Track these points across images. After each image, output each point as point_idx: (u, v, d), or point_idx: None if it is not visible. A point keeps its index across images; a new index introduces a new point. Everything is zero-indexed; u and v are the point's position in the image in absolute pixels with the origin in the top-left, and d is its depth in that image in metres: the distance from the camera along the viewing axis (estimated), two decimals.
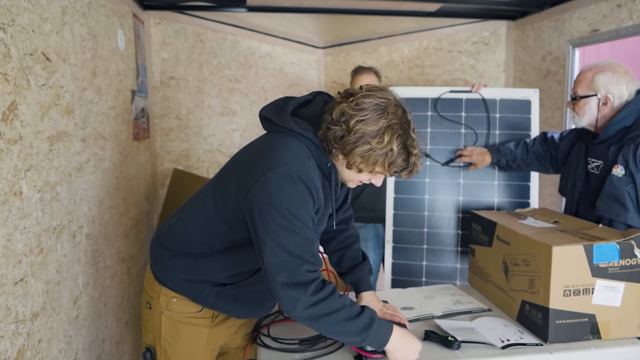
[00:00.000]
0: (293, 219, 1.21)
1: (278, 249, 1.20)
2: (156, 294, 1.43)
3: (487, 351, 1.41)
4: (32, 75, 1.39)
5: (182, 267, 1.40)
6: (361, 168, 1.28)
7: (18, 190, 1.29)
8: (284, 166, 1.23)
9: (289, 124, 1.30)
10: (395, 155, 1.26)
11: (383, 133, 1.23)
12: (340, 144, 1.26)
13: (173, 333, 1.43)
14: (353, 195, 2.66)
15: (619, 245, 1.44)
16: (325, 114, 1.30)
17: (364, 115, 1.23)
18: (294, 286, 1.19)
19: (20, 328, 1.29)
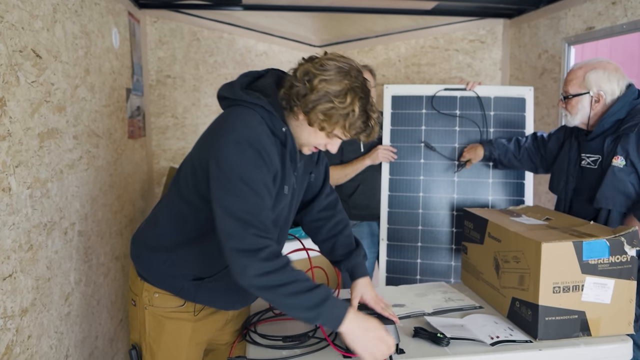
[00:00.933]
0: (241, 185, 1.22)
1: (226, 214, 1.22)
2: (139, 290, 1.44)
3: (476, 348, 1.41)
4: (21, 72, 1.39)
5: (159, 262, 1.41)
6: (323, 126, 1.29)
7: (7, 186, 1.29)
8: (233, 132, 1.25)
9: (240, 95, 1.32)
10: (356, 117, 1.28)
11: (345, 94, 1.26)
12: (302, 102, 1.28)
13: (157, 328, 1.43)
14: (347, 192, 2.67)
15: (608, 241, 1.44)
16: (288, 76, 1.33)
17: (327, 75, 1.26)
18: (243, 253, 1.20)
19: (8, 324, 1.29)
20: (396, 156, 2.54)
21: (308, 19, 3.46)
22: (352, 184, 2.65)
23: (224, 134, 1.27)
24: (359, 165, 2.58)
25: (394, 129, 2.57)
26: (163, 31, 3.22)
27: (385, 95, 2.59)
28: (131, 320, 1.50)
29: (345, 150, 2.67)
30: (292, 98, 1.30)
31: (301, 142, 1.38)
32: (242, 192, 1.23)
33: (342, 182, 2.65)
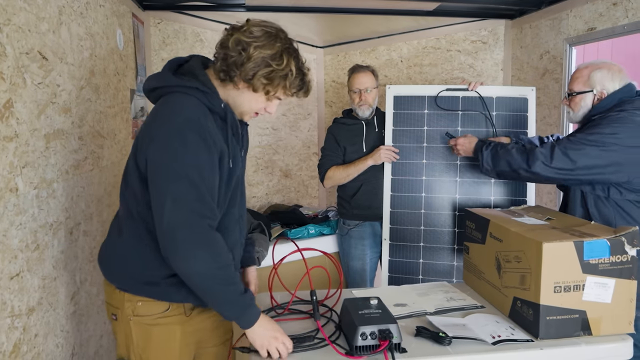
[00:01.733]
0: (188, 171, 1.24)
1: (176, 205, 1.23)
2: (120, 302, 1.40)
3: (478, 347, 1.42)
4: (28, 73, 1.41)
5: (136, 269, 1.38)
6: (268, 90, 1.35)
7: (14, 186, 1.31)
8: (168, 122, 1.27)
9: (172, 80, 1.34)
10: (294, 75, 1.35)
11: (281, 55, 1.32)
12: (242, 70, 1.31)
13: (145, 337, 1.40)
14: (350, 193, 2.69)
15: (609, 241, 1.45)
16: (219, 49, 1.35)
17: (260, 41, 1.31)
18: (195, 244, 1.24)
19: (16, 322, 1.31)
20: (398, 156, 2.55)
21: (310, 20, 3.47)
22: (354, 184, 2.66)
23: (160, 125, 1.29)
24: (361, 165, 2.60)
25: (396, 129, 2.59)
26: (167, 32, 3.24)
27: (387, 96, 2.60)
28: (115, 335, 1.46)
29: (348, 150, 2.69)
30: (230, 69, 1.32)
31: (242, 111, 1.43)
32: (189, 178, 1.25)
33: (344, 182, 2.67)
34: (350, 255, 2.73)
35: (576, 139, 1.87)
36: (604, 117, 1.88)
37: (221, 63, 1.34)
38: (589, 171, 1.84)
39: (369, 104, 2.65)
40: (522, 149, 1.99)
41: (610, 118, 1.85)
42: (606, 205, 1.88)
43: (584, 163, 1.83)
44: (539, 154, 1.89)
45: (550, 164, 1.87)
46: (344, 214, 2.78)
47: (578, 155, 1.83)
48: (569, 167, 1.85)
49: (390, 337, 1.34)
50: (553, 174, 1.89)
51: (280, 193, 3.95)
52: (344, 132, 2.72)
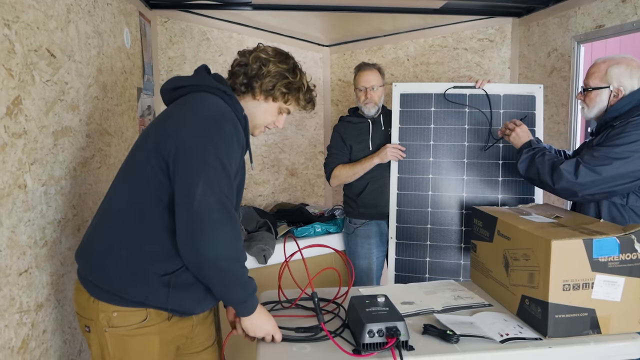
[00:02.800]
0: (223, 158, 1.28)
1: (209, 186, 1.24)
2: (93, 313, 1.31)
3: (486, 345, 1.41)
4: (36, 71, 1.42)
5: (118, 266, 1.31)
6: (287, 99, 1.51)
7: (22, 183, 1.32)
8: (202, 111, 1.32)
9: (206, 80, 1.42)
10: (306, 89, 1.53)
11: (294, 70, 1.50)
12: (263, 82, 1.46)
13: (122, 349, 1.33)
14: (356, 191, 2.68)
15: (619, 239, 1.44)
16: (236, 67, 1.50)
17: (276, 58, 1.48)
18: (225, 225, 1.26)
19: (24, 318, 1.31)
20: (405, 154, 2.55)
21: (317, 19, 3.47)
22: (360, 183, 2.66)
23: (197, 112, 1.32)
24: (368, 163, 2.59)
25: (402, 127, 2.58)
26: (173, 31, 3.25)
27: (393, 94, 2.59)
28: (89, 347, 1.38)
29: (354, 149, 2.68)
30: (252, 81, 1.47)
31: (255, 124, 1.54)
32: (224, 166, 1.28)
33: (351, 180, 2.66)
34: (357, 254, 2.73)
35: (601, 154, 1.79)
36: (625, 123, 1.80)
37: (242, 77, 1.47)
38: (614, 183, 1.78)
39: (374, 102, 2.64)
40: (552, 162, 1.90)
41: (632, 125, 1.78)
42: (622, 212, 1.84)
43: (610, 175, 1.77)
44: (564, 172, 1.82)
45: (576, 180, 1.80)
46: (350, 213, 2.77)
47: (605, 169, 1.77)
48: (596, 181, 1.78)
49: (398, 335, 1.34)
50: (578, 188, 1.81)
51: (286, 192, 3.95)
52: (350, 131, 2.72)
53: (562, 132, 2.81)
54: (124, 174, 1.39)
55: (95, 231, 1.38)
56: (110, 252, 1.32)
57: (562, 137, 2.79)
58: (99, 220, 1.38)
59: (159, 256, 1.31)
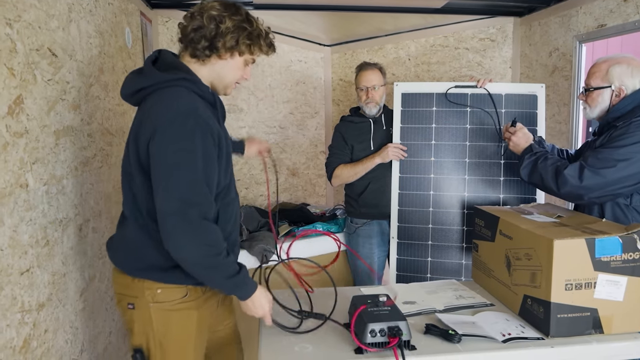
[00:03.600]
0: (181, 160, 1.31)
1: (167, 192, 1.31)
2: (139, 290, 1.44)
3: (488, 345, 1.41)
4: (38, 70, 1.42)
5: (150, 257, 1.43)
6: (252, 50, 1.48)
7: (24, 182, 1.32)
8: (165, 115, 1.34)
9: (161, 77, 1.40)
10: (264, 33, 1.50)
11: (248, 19, 1.46)
12: (225, 40, 1.42)
13: (165, 323, 1.45)
14: (357, 191, 2.68)
15: (621, 239, 1.43)
16: (191, 32, 1.44)
17: (227, 12, 1.43)
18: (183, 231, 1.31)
19: (26, 318, 1.31)
20: (406, 154, 2.54)
21: (318, 18, 3.47)
22: (362, 183, 2.65)
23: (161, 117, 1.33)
24: (369, 163, 2.59)
25: (404, 126, 2.58)
26: (174, 31, 3.22)
27: (395, 93, 2.59)
28: (130, 325, 1.48)
29: (355, 148, 2.68)
30: (214, 42, 1.43)
31: (226, 83, 1.53)
32: (186, 168, 1.32)
33: (352, 180, 2.66)
34: (358, 254, 2.72)
35: (604, 156, 1.78)
36: (628, 123, 1.80)
37: (203, 41, 1.42)
38: (619, 185, 1.76)
39: (376, 101, 2.64)
40: (556, 167, 1.88)
41: (635, 125, 1.77)
42: (625, 212, 1.83)
43: (615, 178, 1.76)
44: (568, 177, 1.81)
45: (581, 184, 1.78)
46: (351, 213, 2.77)
47: (610, 171, 1.76)
48: (601, 184, 1.77)
49: (400, 334, 1.34)
50: (584, 192, 1.80)
51: (287, 191, 3.94)
52: (351, 130, 2.72)
53: (563, 132, 2.80)
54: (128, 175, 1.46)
55: (130, 224, 1.47)
56: (149, 238, 1.43)
57: (563, 137, 2.79)
58: (130, 215, 1.47)
59: None
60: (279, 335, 1.49)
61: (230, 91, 1.57)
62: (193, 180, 1.32)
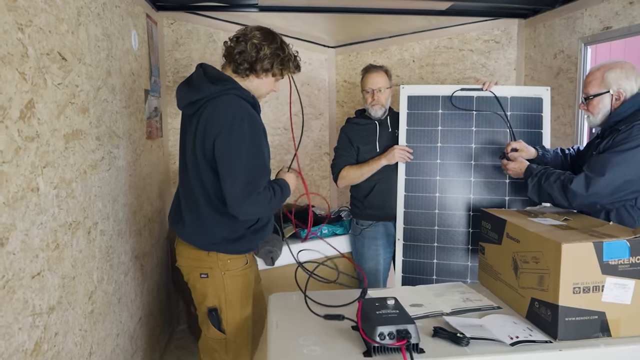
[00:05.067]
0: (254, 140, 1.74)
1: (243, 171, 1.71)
2: (213, 262, 1.87)
3: (496, 348, 1.41)
4: (48, 74, 1.43)
5: (223, 232, 1.85)
6: (283, 72, 1.89)
7: (35, 186, 1.33)
8: (227, 117, 1.72)
9: (214, 90, 1.77)
10: (293, 57, 1.91)
11: (281, 47, 1.86)
12: (264, 63, 1.82)
13: (235, 286, 1.90)
14: (363, 193, 2.68)
15: (629, 242, 1.44)
16: (236, 54, 1.83)
17: (266, 41, 1.82)
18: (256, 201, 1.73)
19: (37, 321, 1.32)
20: (412, 156, 2.55)
21: (323, 20, 3.47)
22: (368, 184, 2.66)
23: (228, 117, 1.73)
24: (375, 165, 2.59)
25: (410, 129, 2.58)
26: (180, 33, 3.26)
27: (401, 95, 2.60)
28: (204, 289, 1.91)
29: (361, 150, 2.69)
30: (255, 67, 1.83)
31: (260, 95, 1.93)
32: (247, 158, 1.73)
33: (358, 182, 2.67)
34: (364, 256, 2.73)
35: (607, 161, 1.81)
36: (630, 127, 1.82)
37: (245, 63, 1.82)
38: (629, 188, 1.79)
39: (381, 103, 2.65)
40: (561, 182, 1.92)
41: (637, 128, 1.80)
42: (630, 212, 1.85)
43: (621, 181, 1.79)
44: (576, 190, 1.84)
45: (588, 192, 1.82)
46: (357, 214, 2.78)
47: (614, 176, 1.78)
48: (608, 189, 1.80)
49: (409, 338, 1.34)
50: (594, 199, 1.83)
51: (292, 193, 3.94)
52: (357, 132, 2.72)
53: (568, 134, 2.81)
54: (196, 170, 1.82)
55: (202, 207, 1.85)
56: (220, 216, 1.84)
57: (568, 139, 2.79)
58: (201, 200, 1.84)
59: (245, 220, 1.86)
60: (288, 339, 1.49)
61: (264, 98, 1.98)
62: (252, 165, 1.73)
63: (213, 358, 1.97)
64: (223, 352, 1.94)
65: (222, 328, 1.92)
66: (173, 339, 3.21)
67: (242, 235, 1.87)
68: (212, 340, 1.94)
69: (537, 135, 2.49)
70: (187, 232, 1.90)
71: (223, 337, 1.93)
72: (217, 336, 1.93)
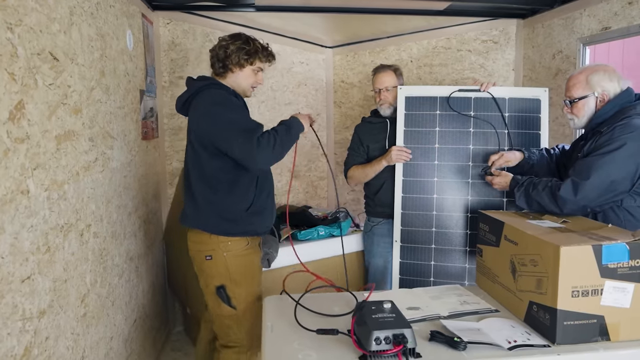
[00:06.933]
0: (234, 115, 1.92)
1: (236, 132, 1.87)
2: (215, 244, 2.01)
3: (494, 352, 1.39)
4: (39, 74, 1.40)
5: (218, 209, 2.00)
6: (252, 62, 2.07)
7: (25, 188, 1.30)
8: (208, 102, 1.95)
9: (198, 84, 2.03)
10: (261, 48, 2.09)
11: (247, 41, 2.07)
12: (231, 60, 2.05)
13: (237, 264, 2.03)
14: (373, 190, 2.73)
15: (628, 245, 1.42)
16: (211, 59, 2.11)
17: (231, 39, 2.07)
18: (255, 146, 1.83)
19: (27, 325, 1.30)
20: (411, 156, 2.53)
21: (320, 20, 3.45)
22: (377, 182, 2.69)
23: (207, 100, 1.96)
24: (377, 166, 2.61)
25: (407, 129, 2.56)
26: (176, 33, 3.23)
27: (399, 96, 2.58)
28: (209, 270, 2.04)
29: (371, 148, 2.74)
30: (224, 62, 2.06)
31: (243, 88, 2.12)
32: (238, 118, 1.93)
33: (365, 181, 2.74)
34: (372, 253, 2.76)
35: (590, 164, 1.83)
36: (612, 128, 1.84)
37: (217, 63, 2.08)
38: (617, 190, 1.81)
39: (389, 102, 2.66)
40: (549, 190, 1.93)
41: (619, 129, 1.82)
42: (617, 212, 1.86)
43: (607, 182, 1.80)
44: (565, 196, 1.85)
45: (577, 197, 1.83)
46: (369, 212, 2.83)
47: (600, 178, 1.80)
48: (596, 191, 1.82)
49: (405, 342, 1.32)
50: (584, 203, 1.84)
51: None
52: (368, 131, 2.76)
53: (567, 135, 2.79)
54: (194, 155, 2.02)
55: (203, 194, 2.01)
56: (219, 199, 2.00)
57: (567, 140, 2.77)
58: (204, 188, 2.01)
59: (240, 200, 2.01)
60: (283, 343, 1.47)
61: (249, 94, 2.17)
62: (241, 125, 1.88)
63: (228, 335, 2.09)
64: (236, 327, 2.07)
65: (232, 304, 2.04)
66: (169, 341, 3.19)
67: (238, 216, 2.00)
68: (225, 317, 2.06)
69: (535, 137, 2.47)
70: (187, 217, 2.06)
71: (234, 312, 2.05)
72: (229, 312, 2.04)
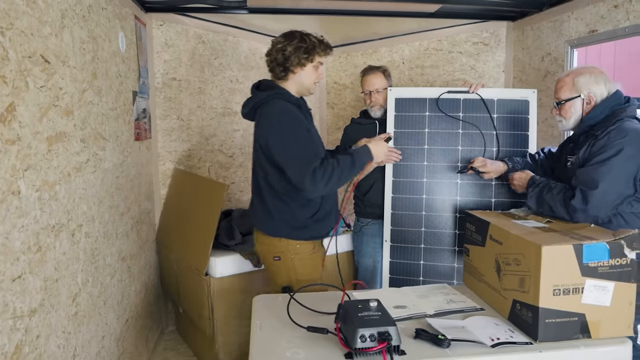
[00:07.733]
0: (295, 138, 1.96)
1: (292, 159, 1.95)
2: (284, 247, 2.10)
3: (477, 349, 1.42)
4: (30, 77, 1.42)
5: (288, 220, 2.08)
6: (312, 58, 2.08)
7: (16, 189, 1.32)
8: (274, 116, 2.00)
9: (262, 95, 2.07)
10: (317, 43, 2.09)
11: (302, 38, 2.07)
12: (293, 60, 2.06)
13: (303, 266, 2.12)
14: (363, 191, 2.74)
15: (608, 244, 1.45)
16: (270, 64, 2.13)
17: (286, 41, 2.07)
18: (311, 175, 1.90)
19: (18, 324, 1.32)
20: (401, 157, 2.56)
21: (313, 22, 3.48)
22: (367, 183, 2.70)
23: (272, 114, 2.01)
24: (367, 166, 2.61)
25: (397, 131, 2.59)
26: (169, 34, 3.25)
27: (389, 98, 2.61)
28: (278, 270, 2.15)
29: None
30: (285, 65, 2.08)
31: (307, 86, 2.15)
32: (300, 143, 1.97)
33: None
34: (362, 253, 2.78)
35: (595, 173, 1.84)
36: (606, 133, 1.86)
37: (278, 67, 2.09)
38: (623, 195, 1.83)
39: (379, 104, 2.68)
40: (563, 195, 1.93)
41: (613, 133, 1.84)
42: (610, 218, 1.87)
43: (613, 189, 1.82)
44: (576, 205, 1.86)
45: (588, 206, 1.84)
46: (358, 212, 2.85)
47: (606, 186, 1.81)
48: (606, 199, 1.82)
49: (389, 340, 1.35)
50: (595, 212, 1.85)
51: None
52: (357, 132, 2.75)
53: (555, 136, 2.83)
54: (260, 166, 2.09)
55: (270, 201, 2.10)
56: (286, 208, 2.08)
57: (555, 141, 2.81)
58: (269, 195, 2.09)
59: (305, 209, 2.10)
60: (271, 341, 1.50)
61: (313, 90, 2.20)
62: (301, 149, 1.95)
63: None
64: None
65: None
66: (162, 341, 3.21)
67: (305, 224, 2.10)
68: None
69: (523, 138, 2.50)
70: (259, 221, 2.16)
71: None
72: None
